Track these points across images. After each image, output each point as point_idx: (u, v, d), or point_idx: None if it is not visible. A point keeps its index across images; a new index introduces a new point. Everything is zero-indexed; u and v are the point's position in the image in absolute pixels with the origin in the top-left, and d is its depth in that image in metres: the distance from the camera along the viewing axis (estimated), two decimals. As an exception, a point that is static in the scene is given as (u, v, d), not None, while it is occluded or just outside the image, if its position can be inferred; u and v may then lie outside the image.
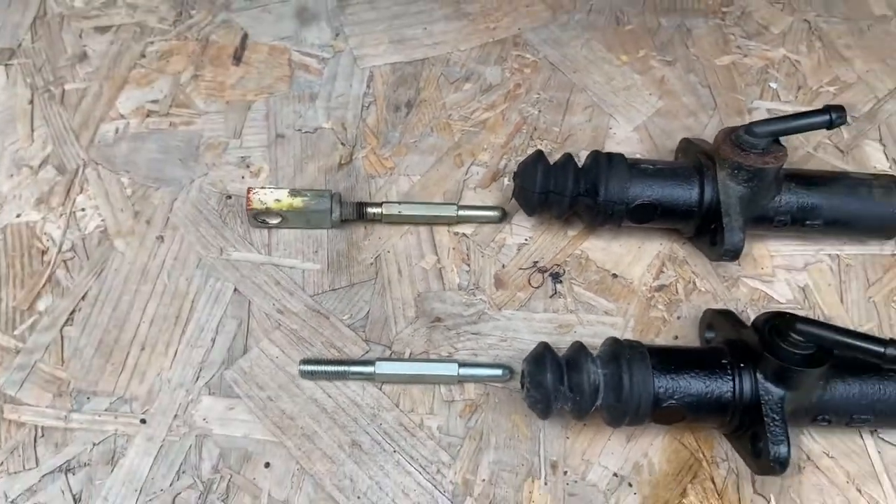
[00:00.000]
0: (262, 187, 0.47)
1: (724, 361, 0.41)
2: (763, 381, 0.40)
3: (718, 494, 0.43)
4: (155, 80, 0.56)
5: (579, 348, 0.42)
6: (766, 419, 0.39)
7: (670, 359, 0.41)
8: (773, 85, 0.58)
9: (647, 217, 0.47)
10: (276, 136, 0.53)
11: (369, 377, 0.45)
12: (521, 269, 0.50)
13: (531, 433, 0.44)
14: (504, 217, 0.50)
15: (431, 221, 0.50)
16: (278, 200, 0.47)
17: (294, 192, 0.47)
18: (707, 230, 0.47)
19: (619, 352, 0.41)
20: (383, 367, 0.45)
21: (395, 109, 0.55)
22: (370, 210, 0.49)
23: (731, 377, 0.41)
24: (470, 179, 0.53)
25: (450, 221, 0.50)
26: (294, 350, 0.46)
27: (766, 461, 0.39)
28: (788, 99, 0.57)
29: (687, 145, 0.51)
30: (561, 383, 0.40)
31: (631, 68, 0.58)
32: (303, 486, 0.42)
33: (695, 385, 0.40)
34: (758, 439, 0.40)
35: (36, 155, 0.52)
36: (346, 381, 0.45)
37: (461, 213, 0.50)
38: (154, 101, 0.55)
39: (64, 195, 0.50)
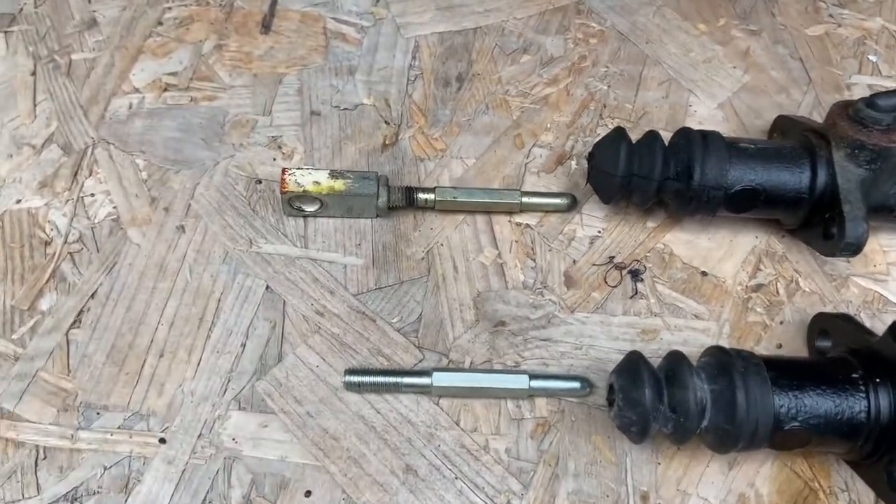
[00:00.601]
0: (299, 168, 0.41)
1: (854, 376, 0.35)
2: (906, 400, 0.34)
3: (840, 532, 0.36)
4: (173, 49, 0.50)
5: (680, 359, 0.35)
6: (910, 446, 0.33)
7: (791, 372, 0.35)
8: (873, 58, 0.51)
9: (749, 205, 0.40)
10: (311, 114, 0.47)
11: (425, 390, 0.38)
12: (594, 265, 0.43)
13: (616, 458, 0.38)
14: (574, 205, 0.44)
15: (491, 209, 0.43)
16: (317, 183, 0.41)
17: (335, 174, 0.41)
18: (818, 221, 0.40)
19: (728, 363, 0.34)
20: (441, 379, 0.38)
21: (444, 84, 0.49)
22: (421, 196, 0.43)
23: (864, 394, 0.34)
24: (532, 163, 0.46)
25: (512, 209, 0.43)
26: (336, 358, 0.40)
27: (912, 496, 0.33)
28: (891, 73, 0.51)
29: (787, 123, 0.44)
30: (661, 401, 0.34)
31: (710, 38, 0.52)
32: (350, 519, 0.36)
33: (822, 404, 0.34)
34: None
35: (38, 133, 0.46)
36: (397, 395, 0.39)
37: (525, 199, 0.43)
38: (172, 74, 0.48)
39: (70, 178, 0.44)
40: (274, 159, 0.45)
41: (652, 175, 0.40)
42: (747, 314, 0.42)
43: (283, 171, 0.41)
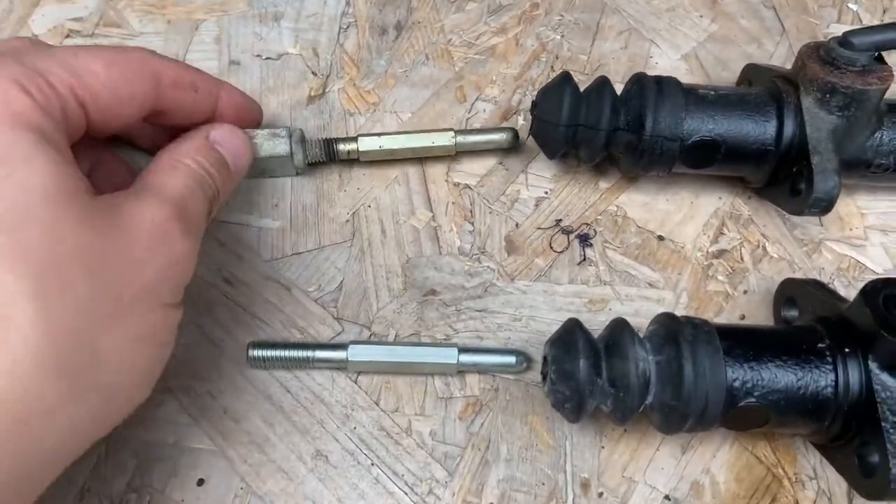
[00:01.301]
0: None
1: (821, 346, 0.30)
2: (878, 371, 0.29)
3: (806, 525, 0.32)
4: (82, -4, 0.45)
5: (622, 326, 0.31)
6: (883, 424, 0.28)
7: (748, 341, 0.30)
8: (853, 6, 0.46)
9: (708, 159, 0.36)
10: (230, 63, 0.42)
11: (340, 365, 0.34)
12: (539, 228, 0.39)
13: (555, 441, 0.33)
14: (516, 141, 0.39)
15: (422, 154, 0.39)
16: None
17: None
18: (785, 176, 0.36)
19: (676, 331, 0.30)
20: (358, 353, 0.34)
21: (380, 33, 0.44)
22: (343, 147, 0.38)
23: (831, 367, 0.30)
24: (475, 118, 0.42)
25: (447, 152, 0.39)
26: (243, 330, 0.35)
27: (884, 482, 0.29)
28: (872, 22, 0.46)
29: (756, 72, 0.40)
30: (598, 374, 0.30)
31: (675, -15, 0.47)
32: (247, 511, 0.31)
33: (783, 377, 0.30)
34: (868, 451, 0.29)
35: (-72, 85, 0.42)
36: (310, 372, 0.34)
37: (460, 139, 0.39)
38: (77, 20, 0.43)
39: (-46, 132, 0.39)
40: (185, 112, 0.41)
41: (599, 125, 0.35)
42: (707, 282, 0.37)
43: None
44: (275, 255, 0.37)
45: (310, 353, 0.34)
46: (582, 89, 0.37)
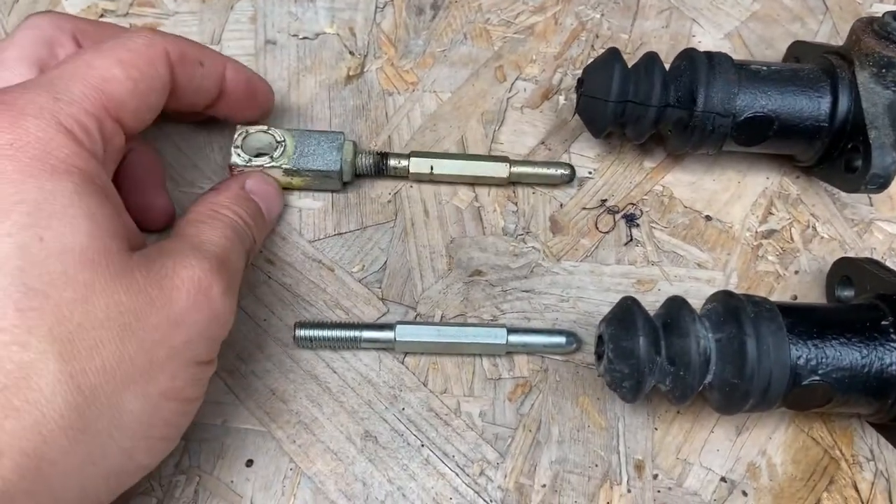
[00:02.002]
0: (250, 160, 0.35)
1: (884, 323, 0.30)
2: (945, 350, 0.29)
3: (865, 506, 0.31)
4: (115, -24, 0.45)
5: (680, 304, 0.30)
6: (950, 404, 0.28)
7: (810, 319, 0.30)
8: (897, -15, 0.46)
9: (760, 136, 0.35)
10: (266, 43, 0.42)
11: (387, 346, 0.34)
12: (584, 209, 0.38)
13: (607, 423, 0.33)
14: (573, 178, 0.38)
15: (472, 182, 0.38)
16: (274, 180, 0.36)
17: (291, 172, 0.35)
18: (839, 153, 0.35)
19: (737, 308, 0.29)
20: (406, 333, 0.33)
21: (417, 12, 0.44)
22: (393, 163, 0.37)
23: (895, 346, 0.29)
24: (515, 97, 0.41)
25: (499, 183, 0.37)
26: (288, 311, 0.35)
27: (952, 464, 0.28)
28: (917, 1, 0.46)
29: (803, 49, 0.39)
30: (657, 352, 0.29)
31: (715, -37, 0.46)
32: (298, 491, 0.31)
33: (847, 355, 0.29)
34: (932, 432, 0.29)
35: (-39, 65, 0.41)
36: (356, 352, 0.34)
37: (515, 170, 0.37)
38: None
39: (-9, 112, 0.39)
40: (223, 92, 0.40)
41: (649, 101, 0.35)
42: (757, 263, 0.37)
43: (231, 168, 0.35)
44: (317, 236, 0.37)
45: (357, 334, 0.33)
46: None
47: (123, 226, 0.26)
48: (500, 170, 0.37)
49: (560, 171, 0.37)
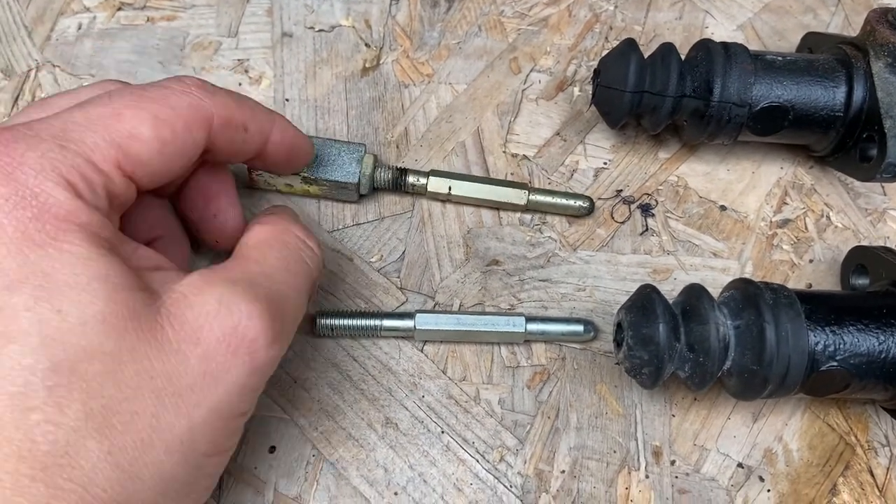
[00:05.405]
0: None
1: (901, 310, 0.30)
2: (962, 336, 0.29)
3: (880, 490, 0.32)
4: (131, -30, 0.45)
5: (699, 291, 0.30)
6: (967, 389, 0.29)
7: (827, 306, 0.30)
8: (909, -24, 0.46)
9: (776, 126, 0.36)
10: (283, 35, 0.42)
11: (407, 334, 0.34)
12: (600, 199, 0.38)
13: (624, 409, 0.33)
14: (592, 210, 0.37)
15: (489, 206, 0.37)
16: (289, 185, 0.36)
17: (309, 180, 0.35)
18: (853, 143, 0.36)
19: (756, 295, 0.30)
20: (425, 321, 0.34)
21: (432, 4, 0.44)
22: (411, 180, 0.36)
23: (912, 332, 0.30)
24: (530, 89, 0.41)
25: (517, 209, 0.37)
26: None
27: (968, 447, 0.28)
28: (929, -7, 0.46)
29: (817, 40, 0.39)
30: (677, 339, 0.29)
31: (728, -45, 0.47)
32: (320, 477, 0.31)
33: (864, 341, 0.29)
34: (949, 418, 0.30)
35: (-21, 58, 0.42)
36: (376, 341, 0.34)
37: (533, 198, 0.37)
38: (128, -8, 0.44)
39: (11, 103, 0.39)
40: (240, 84, 0.40)
41: (666, 91, 0.35)
42: (772, 252, 0.37)
43: (250, 171, 0.35)
44: (336, 226, 0.37)
45: (377, 322, 0.34)
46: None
47: (141, 276, 0.24)
48: (518, 196, 0.37)
49: (578, 203, 0.37)
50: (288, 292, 0.26)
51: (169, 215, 0.32)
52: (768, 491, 0.32)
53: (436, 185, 0.37)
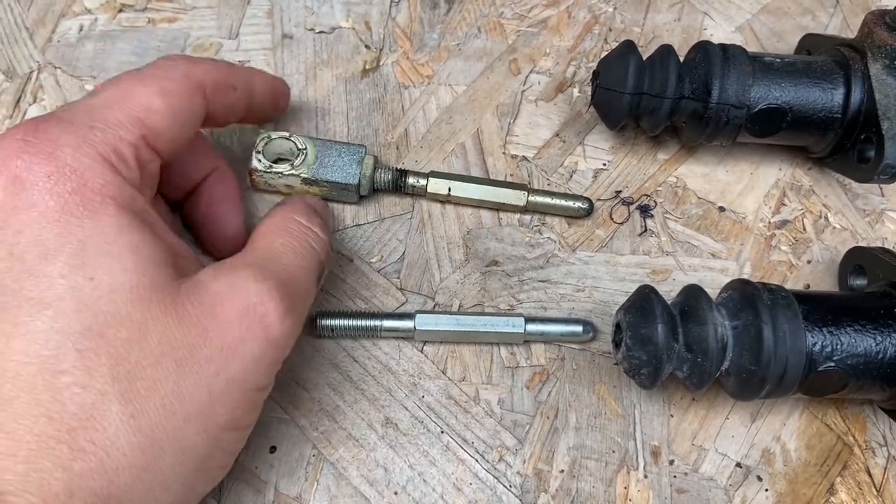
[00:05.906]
0: (268, 169, 0.35)
1: (898, 311, 0.30)
2: (959, 337, 0.29)
3: (878, 490, 0.32)
4: (132, -29, 0.45)
5: (697, 292, 0.31)
6: (964, 390, 0.29)
7: (825, 306, 0.30)
8: (907, -22, 0.46)
9: (774, 127, 0.36)
10: (283, 37, 0.42)
11: (407, 335, 0.34)
12: (599, 200, 0.39)
13: (623, 410, 0.33)
14: (591, 211, 0.37)
15: (488, 207, 0.38)
16: (289, 186, 0.36)
17: (309, 181, 0.36)
18: (851, 144, 0.36)
19: (753, 296, 0.30)
20: (425, 322, 0.34)
21: (432, 6, 0.44)
22: (411, 181, 0.37)
23: (909, 333, 0.30)
24: (529, 90, 0.41)
25: (516, 210, 0.38)
26: (308, 300, 0.35)
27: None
28: (927, -6, 0.46)
29: (815, 41, 0.39)
30: (675, 339, 0.30)
31: (727, -43, 0.47)
32: (321, 477, 0.31)
33: (861, 342, 0.29)
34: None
35: (-20, 59, 0.42)
36: (376, 341, 0.34)
37: (532, 199, 0.37)
38: (129, -6, 0.44)
39: (12, 105, 0.39)
40: (241, 86, 0.40)
41: (665, 93, 0.35)
42: (770, 252, 0.37)
43: (250, 172, 0.36)
44: (335, 227, 0.37)
45: (377, 323, 0.34)
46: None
47: (169, 252, 0.26)
48: (517, 197, 0.37)
49: (577, 204, 0.37)
50: (296, 273, 0.28)
51: (176, 225, 0.34)
52: (766, 491, 0.32)
53: (435, 186, 0.37)
